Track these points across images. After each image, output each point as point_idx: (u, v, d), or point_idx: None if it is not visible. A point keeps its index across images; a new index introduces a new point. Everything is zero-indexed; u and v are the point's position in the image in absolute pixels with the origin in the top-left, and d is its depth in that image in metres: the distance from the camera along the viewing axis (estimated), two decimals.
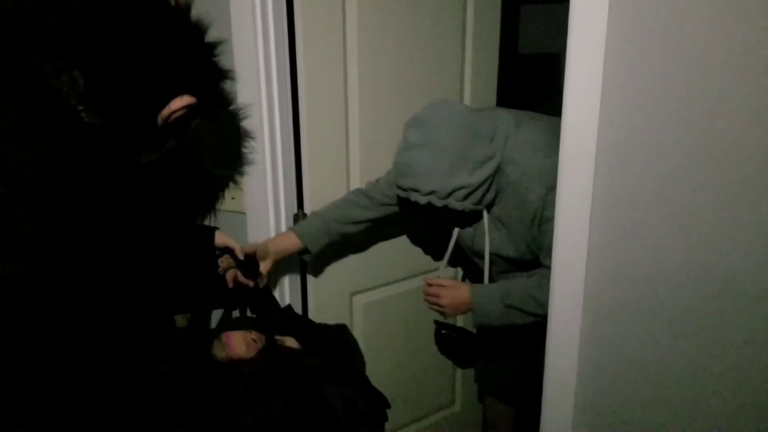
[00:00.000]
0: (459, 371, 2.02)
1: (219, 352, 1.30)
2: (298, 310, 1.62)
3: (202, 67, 1.03)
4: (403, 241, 1.77)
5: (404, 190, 1.35)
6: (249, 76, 1.41)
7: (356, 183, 1.62)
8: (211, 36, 1.05)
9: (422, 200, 1.33)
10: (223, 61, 1.08)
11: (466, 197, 1.32)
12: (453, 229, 1.52)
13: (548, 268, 1.30)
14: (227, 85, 1.12)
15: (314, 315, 1.64)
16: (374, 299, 1.75)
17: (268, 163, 1.47)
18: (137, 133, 1.00)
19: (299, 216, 1.57)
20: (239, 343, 1.29)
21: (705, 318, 1.04)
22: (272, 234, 1.51)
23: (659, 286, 1.07)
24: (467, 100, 1.77)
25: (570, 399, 1.20)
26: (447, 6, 1.67)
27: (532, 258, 1.43)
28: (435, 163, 1.29)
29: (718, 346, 1.04)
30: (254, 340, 1.30)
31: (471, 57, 1.75)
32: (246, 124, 1.45)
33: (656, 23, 0.97)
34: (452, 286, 1.49)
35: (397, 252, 1.76)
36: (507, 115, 1.39)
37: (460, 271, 1.91)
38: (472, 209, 1.37)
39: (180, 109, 0.99)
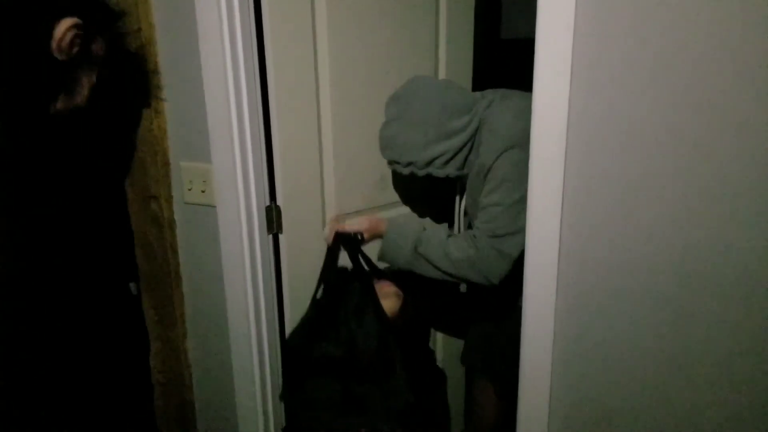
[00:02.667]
0: (441, 355, 1.99)
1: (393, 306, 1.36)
2: (273, 304, 1.58)
3: None
4: None
5: (389, 162, 1.48)
6: (215, 61, 1.36)
7: (330, 172, 1.58)
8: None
9: (404, 171, 1.45)
10: (186, 42, 1.04)
11: (446, 163, 1.41)
12: (456, 197, 1.58)
13: (480, 230, 1.37)
14: None
15: (289, 308, 1.60)
16: None
17: (237, 154, 1.42)
18: (35, 71, 0.95)
19: (272, 208, 1.52)
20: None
21: (680, 306, 1.01)
22: (244, 227, 1.47)
23: (634, 272, 1.04)
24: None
25: (546, 387, 1.18)
26: None
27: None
28: (411, 135, 1.40)
29: (693, 334, 1.02)
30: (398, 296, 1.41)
31: (445, 43, 1.72)
32: (213, 112, 1.40)
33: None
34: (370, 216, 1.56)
35: (372, 243, 1.72)
36: (497, 90, 1.47)
37: None
38: (458, 174, 1.45)
39: (66, 32, 0.95)
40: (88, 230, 1.39)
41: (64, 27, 0.94)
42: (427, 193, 1.74)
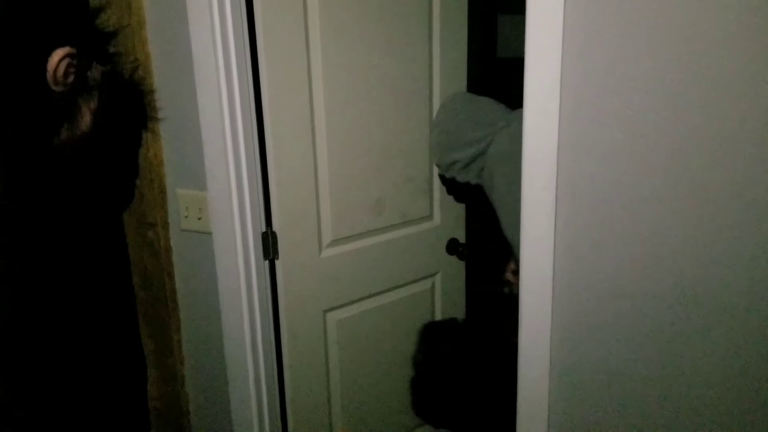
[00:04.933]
0: None
1: None
2: (270, 329, 1.58)
3: (59, 11, 0.96)
4: (377, 254, 1.73)
5: (436, 165, 1.74)
6: (210, 90, 1.36)
7: (325, 197, 1.58)
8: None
9: (440, 171, 1.71)
10: (181, 71, 1.03)
11: (463, 169, 1.62)
12: None
13: None
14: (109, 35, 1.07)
15: (286, 334, 1.59)
16: (348, 315, 1.71)
17: (233, 181, 1.42)
18: (33, 106, 0.95)
19: (268, 234, 1.52)
20: None
21: (675, 332, 1.01)
22: (240, 254, 1.47)
23: (628, 298, 1.04)
24: (436, 104, 1.76)
25: (544, 414, 1.17)
26: (413, 12, 1.64)
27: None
28: (441, 140, 1.67)
29: (689, 360, 1.01)
30: None
31: (439, 63, 1.73)
32: (209, 140, 1.41)
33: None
34: None
35: (372, 266, 1.72)
36: (511, 112, 1.60)
37: None
38: (477, 182, 1.62)
39: (60, 63, 0.94)
40: (90, 260, 1.39)
41: (57, 58, 0.94)
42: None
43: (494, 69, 2.89)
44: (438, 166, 1.70)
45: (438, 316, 1.92)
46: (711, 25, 0.88)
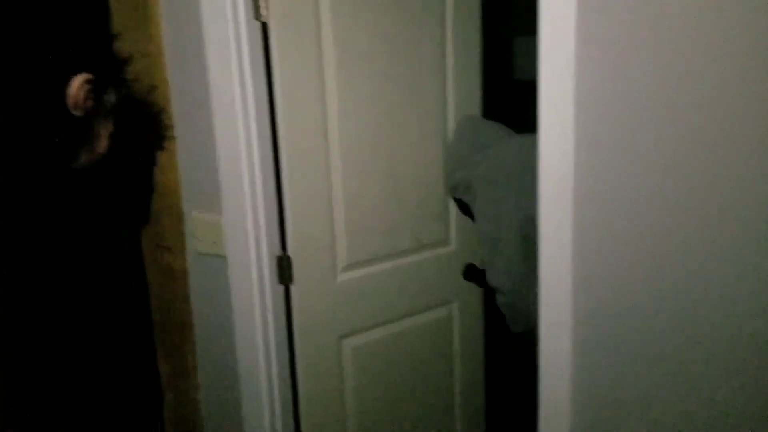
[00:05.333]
0: (459, 416, 1.93)
1: None
2: (285, 355, 1.56)
3: (79, 39, 0.99)
4: (393, 280, 1.71)
5: None
6: (226, 114, 1.39)
7: (340, 221, 1.58)
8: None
9: (449, 192, 1.75)
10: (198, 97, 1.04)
11: (466, 190, 1.66)
12: None
13: None
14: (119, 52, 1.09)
15: (301, 360, 1.58)
16: (364, 342, 1.68)
17: (248, 205, 1.43)
18: (56, 130, 0.97)
19: (283, 258, 1.52)
20: None
21: (688, 359, 0.96)
22: (254, 278, 1.47)
23: (647, 325, 1.00)
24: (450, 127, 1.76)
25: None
26: (427, 36, 1.65)
27: None
28: (447, 162, 1.72)
29: (705, 389, 0.96)
30: None
31: (453, 85, 1.73)
32: (225, 164, 1.43)
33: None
34: None
35: (388, 292, 1.70)
36: (513, 135, 1.66)
37: None
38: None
39: (80, 88, 0.96)
40: (106, 280, 1.40)
41: (77, 83, 0.97)
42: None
43: (510, 91, 2.88)
44: (447, 184, 1.74)
45: (456, 345, 1.88)
46: (724, 41, 0.86)
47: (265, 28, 1.39)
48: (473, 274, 1.85)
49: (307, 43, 1.44)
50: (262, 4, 1.37)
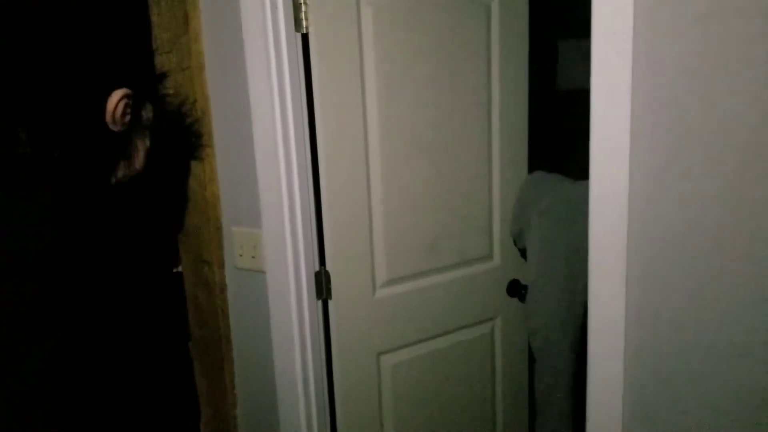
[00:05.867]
0: None
1: None
2: (322, 371, 1.53)
3: (116, 55, 0.97)
4: (433, 296, 1.66)
5: None
6: (266, 130, 1.37)
7: (379, 237, 1.54)
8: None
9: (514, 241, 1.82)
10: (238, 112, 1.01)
11: (519, 236, 1.75)
12: None
13: None
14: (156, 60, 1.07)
15: (339, 377, 1.54)
16: (403, 359, 1.64)
17: (287, 220, 1.41)
18: (96, 146, 0.96)
19: (321, 273, 1.50)
20: None
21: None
22: (293, 293, 1.44)
23: (708, 357, 0.92)
24: (496, 144, 1.71)
25: None
26: (472, 47, 1.60)
27: None
28: (512, 211, 1.79)
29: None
30: None
31: (498, 97, 1.68)
32: (264, 179, 1.41)
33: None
34: None
35: (427, 308, 1.65)
36: (555, 189, 1.72)
37: None
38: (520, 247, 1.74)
39: (119, 103, 0.95)
40: (146, 295, 1.41)
41: (116, 98, 0.96)
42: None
43: (555, 102, 2.79)
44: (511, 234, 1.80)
45: (498, 363, 1.82)
46: None
47: (305, 39, 1.38)
48: (517, 289, 1.79)
49: (348, 55, 1.42)
50: (302, 16, 1.35)
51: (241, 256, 1.50)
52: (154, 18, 1.37)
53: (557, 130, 2.40)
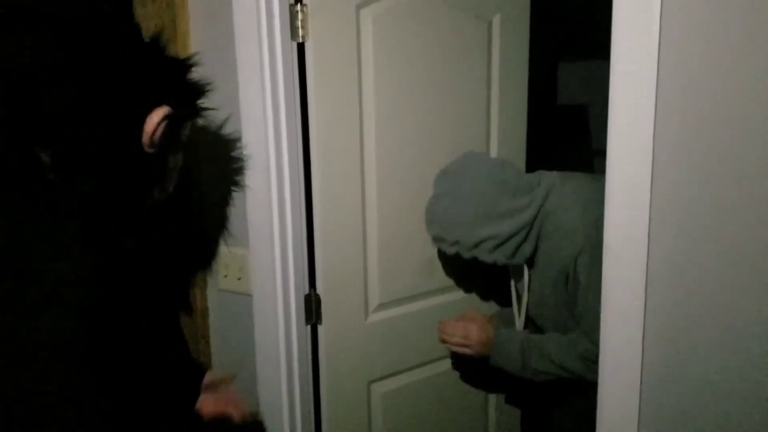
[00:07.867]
0: None
1: None
2: (309, 400, 1.44)
3: (156, 72, 0.87)
4: (427, 320, 1.59)
5: (433, 239, 1.40)
6: (257, 146, 1.29)
7: (373, 257, 1.47)
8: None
9: (449, 250, 1.37)
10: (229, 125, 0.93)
11: (494, 249, 1.32)
12: (510, 282, 1.49)
13: (583, 335, 1.28)
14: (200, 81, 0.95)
15: (327, 407, 1.46)
16: (396, 387, 1.57)
17: (276, 240, 1.33)
18: (134, 169, 0.87)
19: (311, 297, 1.41)
20: None
21: None
22: (280, 317, 1.36)
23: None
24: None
25: None
26: (471, 61, 1.55)
27: (572, 318, 1.34)
28: (458, 212, 1.32)
29: None
30: None
31: (497, 112, 1.62)
32: (253, 197, 1.32)
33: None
34: (473, 319, 1.47)
35: (422, 333, 1.58)
36: (552, 173, 1.40)
37: None
38: (507, 263, 1.36)
39: (158, 124, 0.85)
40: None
41: (156, 119, 0.85)
42: (479, 274, 1.59)
43: (554, 117, 2.78)
44: (456, 243, 1.33)
45: (493, 394, 1.75)
46: None
47: (301, 49, 1.30)
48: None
49: (346, 66, 1.35)
50: (299, 24, 1.27)
51: (225, 277, 1.41)
52: (140, 20, 1.27)
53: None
